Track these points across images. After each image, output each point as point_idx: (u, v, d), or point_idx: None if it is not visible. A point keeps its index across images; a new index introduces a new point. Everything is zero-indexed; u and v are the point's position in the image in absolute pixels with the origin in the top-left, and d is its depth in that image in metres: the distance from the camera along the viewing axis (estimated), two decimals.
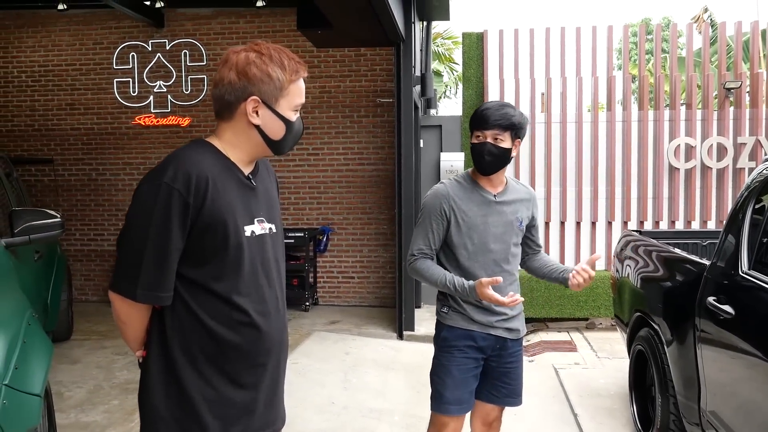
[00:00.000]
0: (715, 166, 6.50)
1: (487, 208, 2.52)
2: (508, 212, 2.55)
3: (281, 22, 7.34)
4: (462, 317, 2.54)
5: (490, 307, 2.50)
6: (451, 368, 2.54)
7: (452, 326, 2.55)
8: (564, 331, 6.48)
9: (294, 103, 1.70)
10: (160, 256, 1.58)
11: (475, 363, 2.56)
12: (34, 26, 7.90)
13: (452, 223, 2.50)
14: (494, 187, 2.56)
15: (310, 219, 7.62)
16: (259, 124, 1.67)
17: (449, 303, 2.57)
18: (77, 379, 4.82)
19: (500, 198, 2.55)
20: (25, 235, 3.23)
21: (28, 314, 2.77)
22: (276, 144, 1.71)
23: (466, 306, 2.53)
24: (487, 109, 2.48)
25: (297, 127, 1.73)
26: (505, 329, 2.57)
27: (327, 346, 5.83)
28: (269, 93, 1.65)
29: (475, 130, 2.50)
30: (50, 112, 7.96)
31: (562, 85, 6.74)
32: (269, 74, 1.64)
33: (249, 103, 1.65)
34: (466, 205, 2.51)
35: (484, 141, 2.46)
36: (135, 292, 1.59)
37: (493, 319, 2.54)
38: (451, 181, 2.59)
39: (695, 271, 3.17)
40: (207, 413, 1.65)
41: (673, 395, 3.25)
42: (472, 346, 2.54)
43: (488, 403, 2.67)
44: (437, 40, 17.89)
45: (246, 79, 1.64)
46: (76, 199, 7.96)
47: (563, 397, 4.57)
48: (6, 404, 2.19)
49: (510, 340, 2.60)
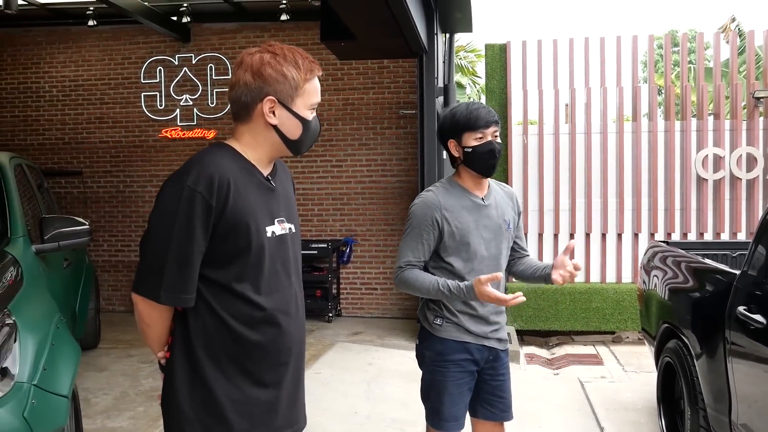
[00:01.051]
0: (745, 177, 6.40)
1: (477, 213, 2.40)
2: (495, 215, 2.44)
3: (305, 35, 7.43)
4: (457, 328, 2.40)
5: (486, 316, 2.40)
6: (447, 384, 2.41)
7: (446, 338, 2.40)
8: (590, 344, 6.39)
9: (310, 101, 1.71)
10: (183, 259, 1.59)
11: (470, 376, 2.45)
12: (65, 42, 8.10)
13: (445, 232, 2.35)
14: (481, 191, 2.44)
15: (334, 230, 7.64)
16: (277, 124, 1.68)
17: (443, 314, 2.41)
18: (104, 386, 4.88)
19: (487, 201, 2.44)
20: (54, 241, 3.30)
21: (56, 318, 2.82)
22: (294, 143, 1.73)
23: (462, 316, 2.39)
24: (475, 108, 2.37)
25: (314, 126, 1.74)
26: (497, 340, 2.46)
27: (350, 357, 5.82)
28: (285, 92, 1.66)
29: (470, 132, 2.35)
30: (80, 125, 8.13)
31: (586, 95, 6.71)
32: (284, 74, 1.65)
33: (265, 103, 1.66)
34: (458, 212, 2.37)
35: (488, 140, 2.35)
36: (158, 294, 1.60)
37: (488, 330, 2.42)
38: (438, 188, 2.44)
39: (725, 281, 3.11)
40: (231, 412, 1.66)
41: (702, 408, 3.18)
42: (467, 359, 2.42)
43: (488, 421, 2.53)
44: (460, 53, 17.94)
45: (261, 80, 1.65)
46: (104, 210, 8.10)
47: (589, 411, 4.50)
48: (34, 404, 2.23)
49: (501, 351, 2.50)
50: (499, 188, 2.55)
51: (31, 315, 2.63)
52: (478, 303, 2.38)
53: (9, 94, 8.25)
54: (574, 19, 46.68)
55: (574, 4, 49.86)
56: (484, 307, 2.40)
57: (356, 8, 4.85)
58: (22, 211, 3.44)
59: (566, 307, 6.31)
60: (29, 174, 4.31)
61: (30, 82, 8.20)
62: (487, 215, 2.42)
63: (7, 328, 2.41)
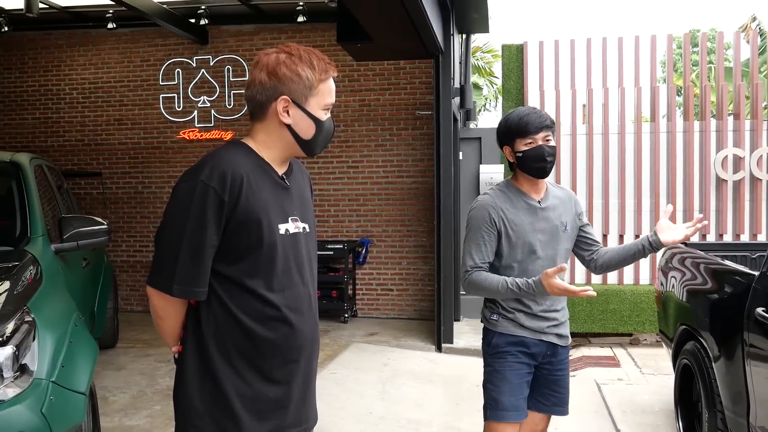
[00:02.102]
0: (765, 178, 6.31)
1: (533, 215, 2.47)
2: (552, 217, 2.50)
3: (321, 36, 7.47)
4: (513, 324, 2.49)
5: (541, 313, 2.48)
6: (506, 373, 2.49)
7: (503, 333, 2.51)
8: (607, 346, 6.33)
9: (324, 102, 1.72)
10: (196, 252, 1.62)
11: (528, 369, 2.52)
12: (85, 45, 8.21)
13: (503, 234, 2.44)
14: (538, 193, 2.52)
15: (350, 231, 7.66)
16: (290, 124, 1.71)
17: (498, 310, 2.51)
18: (121, 385, 4.93)
19: (544, 203, 2.51)
20: (73, 241, 3.34)
21: (74, 316, 2.86)
22: (307, 143, 1.74)
23: (517, 313, 2.48)
24: (526, 115, 2.46)
25: (327, 127, 1.75)
26: (555, 335, 2.53)
27: (365, 358, 5.83)
28: (299, 92, 1.68)
29: (520, 138, 2.44)
30: (99, 127, 8.24)
31: (603, 96, 6.66)
32: (299, 74, 1.67)
33: (279, 102, 1.68)
34: (514, 214, 2.46)
35: (538, 144, 2.42)
36: (171, 286, 1.63)
37: (544, 325, 2.50)
38: (494, 191, 2.53)
39: (743, 282, 3.06)
40: (240, 408, 1.68)
41: (720, 410, 3.13)
42: (524, 352, 2.50)
43: (537, 412, 2.61)
44: (477, 54, 17.91)
45: (276, 79, 1.67)
46: (123, 211, 8.19)
47: (606, 413, 4.46)
48: (53, 400, 2.27)
49: (560, 347, 2.56)
50: (558, 190, 2.61)
51: (49, 313, 2.67)
52: (533, 302, 2.46)
53: (30, 97, 8.38)
54: (592, 19, 46.33)
55: (592, 5, 49.50)
56: (539, 306, 2.48)
57: (372, 9, 4.86)
58: (41, 210, 3.49)
59: (583, 309, 6.26)
60: (49, 175, 4.37)
61: (51, 85, 8.32)
62: (544, 217, 2.49)
63: (26, 325, 2.45)
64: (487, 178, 6.99)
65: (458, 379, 5.12)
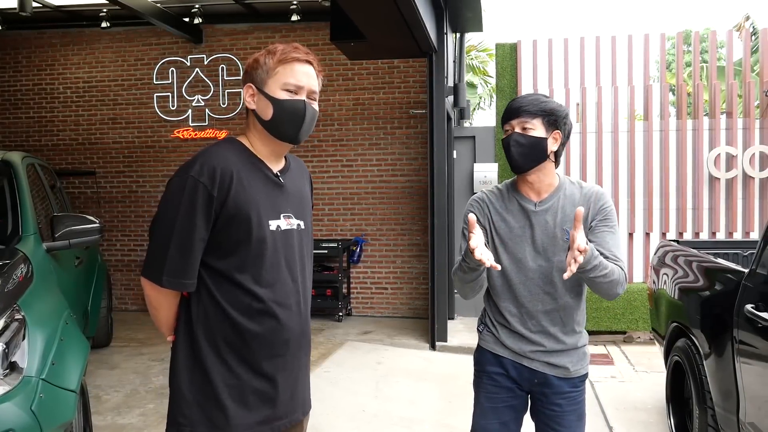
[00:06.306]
0: (758, 176, 6.33)
1: (525, 218, 2.12)
2: (551, 223, 2.10)
3: (316, 35, 7.46)
4: (494, 340, 2.21)
5: (523, 333, 2.15)
6: (479, 395, 2.26)
7: (483, 348, 2.25)
8: (600, 344, 6.35)
9: (283, 81, 1.72)
10: (185, 245, 1.65)
11: (509, 393, 2.20)
12: (79, 44, 8.19)
13: (488, 236, 2.15)
14: (537, 194, 2.13)
15: (344, 230, 7.66)
16: (254, 108, 1.76)
17: (485, 320, 2.26)
18: (115, 384, 4.93)
19: (542, 206, 2.12)
20: (65, 239, 3.34)
21: (65, 314, 2.85)
22: (269, 124, 1.74)
23: (499, 328, 2.19)
24: (516, 99, 2.13)
25: (289, 106, 1.72)
26: (544, 363, 2.15)
27: (359, 356, 5.83)
28: (259, 77, 1.74)
29: (503, 126, 2.14)
30: (93, 126, 8.22)
31: (597, 94, 6.68)
32: (258, 60, 1.75)
33: (246, 91, 1.76)
34: (501, 215, 2.15)
35: (510, 133, 2.09)
36: (161, 278, 1.67)
37: (527, 349, 2.14)
38: (491, 190, 2.25)
39: (733, 279, 3.08)
40: (227, 398, 1.71)
41: (711, 407, 3.15)
42: (502, 374, 2.19)
43: None
44: (471, 53, 17.90)
45: (246, 73, 1.77)
46: (117, 210, 8.17)
47: (599, 410, 4.47)
48: (42, 398, 2.26)
49: (556, 378, 2.15)
50: (576, 190, 2.15)
51: (40, 311, 2.67)
52: (512, 317, 2.16)
53: (24, 96, 8.36)
54: (585, 18, 46.43)
55: (586, 4, 49.59)
56: (521, 324, 2.15)
57: (365, 8, 4.86)
58: (33, 209, 3.48)
59: None
60: (42, 173, 4.36)
61: (44, 84, 8.30)
62: (538, 222, 2.11)
63: (16, 323, 2.44)
64: (481, 177, 6.99)
65: (452, 377, 5.13)
